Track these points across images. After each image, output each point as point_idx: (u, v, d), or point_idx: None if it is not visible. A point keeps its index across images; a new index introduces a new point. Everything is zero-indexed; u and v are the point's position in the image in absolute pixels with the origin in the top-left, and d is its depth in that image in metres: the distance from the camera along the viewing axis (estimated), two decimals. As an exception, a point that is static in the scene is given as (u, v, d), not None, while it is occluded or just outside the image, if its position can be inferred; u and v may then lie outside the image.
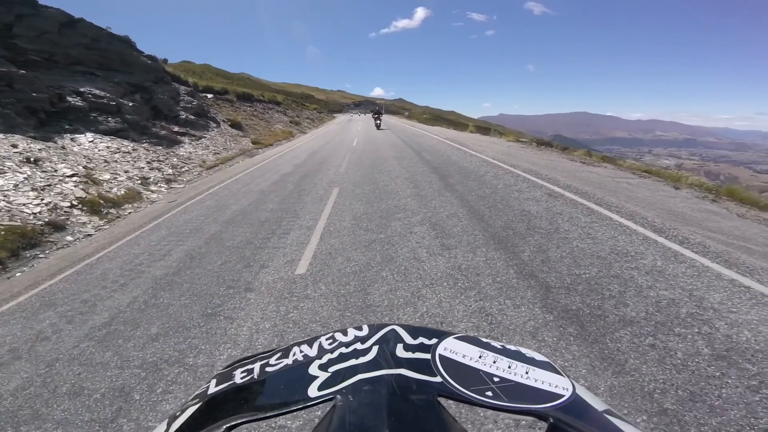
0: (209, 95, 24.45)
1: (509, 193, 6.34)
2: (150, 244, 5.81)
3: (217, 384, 0.52)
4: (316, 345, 0.55)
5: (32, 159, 8.68)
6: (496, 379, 0.45)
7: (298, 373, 0.49)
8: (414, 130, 23.95)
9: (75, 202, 7.78)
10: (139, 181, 10.36)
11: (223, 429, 0.41)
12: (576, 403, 0.43)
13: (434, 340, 0.52)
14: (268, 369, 0.52)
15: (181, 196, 9.48)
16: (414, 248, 4.36)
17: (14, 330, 3.69)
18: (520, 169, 8.22)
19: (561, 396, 0.43)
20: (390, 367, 0.46)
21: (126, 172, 10.57)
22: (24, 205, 7.01)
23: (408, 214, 5.69)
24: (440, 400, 0.41)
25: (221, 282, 4.12)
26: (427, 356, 0.49)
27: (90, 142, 11.30)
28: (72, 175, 8.78)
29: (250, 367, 0.54)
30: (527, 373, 0.47)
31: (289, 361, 0.53)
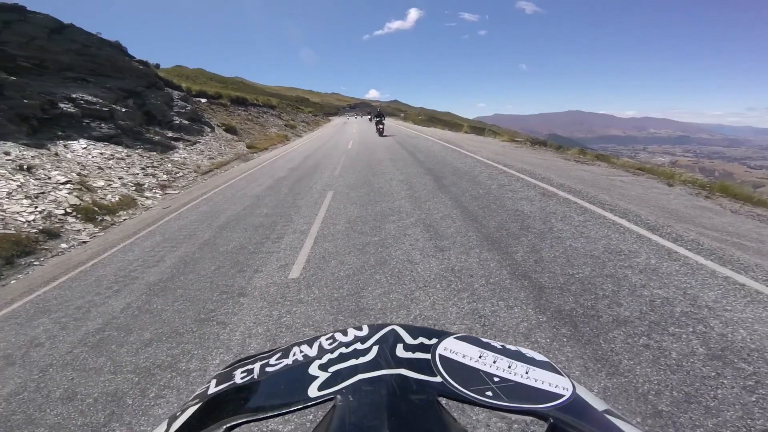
0: (203, 100, 24.38)
1: (503, 193, 6.34)
2: (144, 251, 5.78)
3: (217, 384, 0.53)
4: (316, 345, 0.55)
5: (25, 166, 8.61)
6: (496, 379, 0.45)
7: (298, 373, 0.49)
8: (409, 132, 23.97)
9: (69, 210, 7.73)
10: (134, 188, 10.31)
11: (223, 429, 0.41)
12: (576, 403, 0.43)
13: (434, 340, 0.52)
14: (268, 369, 0.52)
15: (176, 202, 9.45)
16: (408, 250, 4.34)
17: (8, 336, 3.73)
18: (513, 169, 8.23)
19: (561, 396, 0.44)
20: (390, 367, 0.46)
21: (120, 178, 10.52)
22: (18, 213, 6.96)
23: (402, 216, 5.67)
24: (440, 400, 0.41)
25: (214, 287, 4.10)
26: (427, 356, 0.49)
27: (83, 148, 11.23)
28: (66, 182, 8.73)
29: (250, 367, 0.55)
30: (527, 372, 0.47)
31: (289, 361, 0.53)
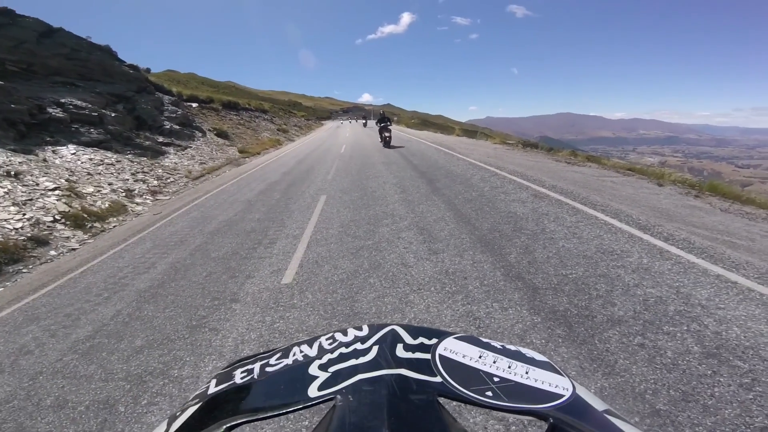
0: (194, 104, 24.18)
1: (495, 195, 6.36)
2: (134, 257, 5.69)
3: (217, 384, 0.53)
4: (316, 345, 0.55)
5: (12, 173, 8.47)
6: (496, 379, 0.45)
7: (298, 373, 0.49)
8: (402, 135, 23.98)
9: (58, 217, 7.60)
10: (124, 194, 10.17)
11: (223, 429, 0.41)
12: (576, 403, 0.43)
13: (434, 340, 0.52)
14: (268, 369, 0.52)
15: (167, 208, 9.34)
16: (401, 254, 4.33)
17: (-4, 345, 3.64)
18: (506, 171, 8.27)
19: (561, 396, 0.44)
20: (390, 367, 0.46)
21: (110, 184, 10.38)
22: (5, 220, 6.83)
23: (395, 219, 5.66)
24: (440, 400, 0.41)
25: (206, 293, 4.04)
26: (427, 356, 0.49)
27: (72, 154, 11.07)
28: (54, 189, 8.59)
29: (250, 367, 0.55)
30: (527, 373, 0.47)
31: (289, 361, 0.53)
